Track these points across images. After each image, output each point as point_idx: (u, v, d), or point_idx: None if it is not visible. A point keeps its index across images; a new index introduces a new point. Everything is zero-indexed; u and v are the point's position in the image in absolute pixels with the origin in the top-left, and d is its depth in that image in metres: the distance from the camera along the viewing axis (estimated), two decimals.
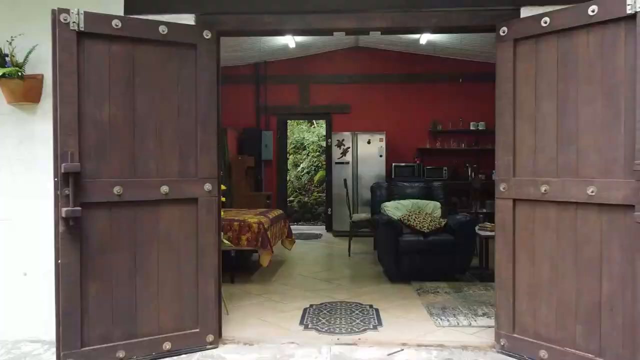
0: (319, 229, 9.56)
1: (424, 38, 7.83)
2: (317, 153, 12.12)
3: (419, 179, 8.23)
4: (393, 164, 8.70)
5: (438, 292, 4.61)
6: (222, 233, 3.69)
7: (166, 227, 3.13)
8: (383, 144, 8.43)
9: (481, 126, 8.88)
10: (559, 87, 2.87)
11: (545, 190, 2.90)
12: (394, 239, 5.00)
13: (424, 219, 5.13)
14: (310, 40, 8.28)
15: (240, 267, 5.69)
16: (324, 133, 12.32)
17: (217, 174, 3.32)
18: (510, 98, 3.10)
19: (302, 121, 13.38)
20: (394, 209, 5.37)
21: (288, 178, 11.50)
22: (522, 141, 3.06)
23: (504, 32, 3.12)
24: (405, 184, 5.81)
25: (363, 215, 6.66)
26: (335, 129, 9.04)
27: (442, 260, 5.00)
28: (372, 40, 8.68)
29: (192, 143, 3.20)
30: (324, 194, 11.15)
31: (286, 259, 6.38)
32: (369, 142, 8.46)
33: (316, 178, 11.66)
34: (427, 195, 5.72)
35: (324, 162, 11.77)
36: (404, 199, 5.63)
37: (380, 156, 8.44)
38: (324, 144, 12.09)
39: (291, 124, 13.08)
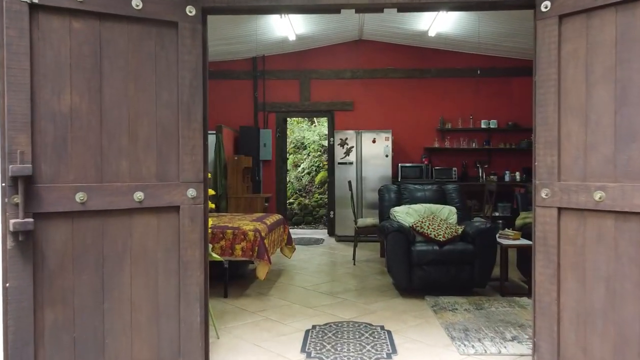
0: (321, 233, 9.05)
1: (433, 30, 7.32)
2: (319, 153, 11.61)
3: (429, 181, 7.73)
4: (399, 165, 8.19)
5: (457, 309, 4.09)
6: (210, 245, 3.18)
7: (141, 241, 2.61)
8: (389, 143, 7.92)
9: (493, 124, 8.37)
10: (617, 72, 2.36)
11: (600, 198, 2.38)
12: (405, 249, 4.48)
13: (438, 226, 4.62)
14: (311, 33, 7.77)
15: (236, 276, 5.18)
16: (326, 132, 11.82)
17: (204, 177, 2.81)
18: (554, 86, 2.58)
19: (302, 120, 12.87)
20: (405, 214, 4.86)
21: (288, 179, 11.00)
22: (569, 137, 2.54)
23: (546, 8, 2.60)
24: (416, 186, 5.29)
25: (369, 220, 6.15)
26: (337, 127, 8.53)
27: (460, 273, 4.48)
28: (377, 33, 8.17)
29: (172, 140, 2.69)
30: (326, 196, 10.65)
31: (285, 268, 5.87)
32: (374, 141, 7.94)
33: (317, 179, 11.15)
34: (441, 198, 5.21)
35: (326, 163, 11.26)
36: (415, 203, 5.11)
37: (386, 156, 7.93)
38: (325, 143, 11.59)
39: (291, 122, 12.58)
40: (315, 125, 12.53)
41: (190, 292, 2.71)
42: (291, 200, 10.68)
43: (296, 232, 9.15)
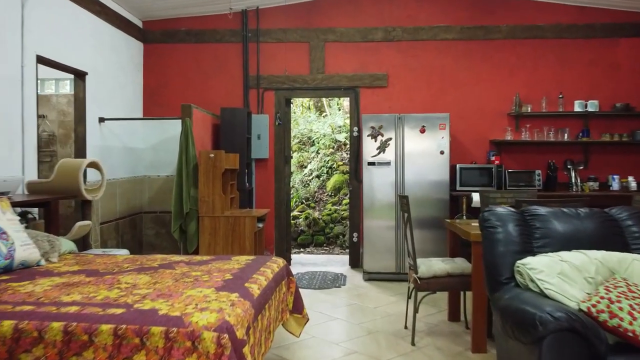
0: (339, 262, 6.38)
1: None
2: (331, 150, 8.95)
3: (557, 195, 5.07)
4: (458, 167, 5.53)
5: None
6: None
7: None
8: (446, 133, 5.26)
9: (592, 106, 5.71)
10: None
11: None
12: None
13: None
14: None
15: None
16: (340, 123, 9.16)
17: None
18: None
19: (307, 107, 10.21)
20: (558, 277, 2.19)
21: (291, 184, 8.34)
22: None
23: None
24: (564, 210, 2.61)
25: (439, 265, 3.47)
26: (364, 110, 5.87)
27: None
28: None
29: None
30: (341, 207, 7.99)
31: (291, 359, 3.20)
32: (422, 131, 5.28)
33: (329, 184, 8.48)
34: (611, 235, 2.53)
35: (340, 163, 8.61)
36: (563, 245, 2.44)
37: (441, 153, 5.27)
38: (339, 137, 8.93)
39: (294, 109, 9.93)
40: (325, 115, 9.87)
41: None
42: (296, 213, 8.01)
43: (303, 260, 6.50)
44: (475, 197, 5.18)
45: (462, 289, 3.45)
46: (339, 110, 9.76)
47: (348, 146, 8.62)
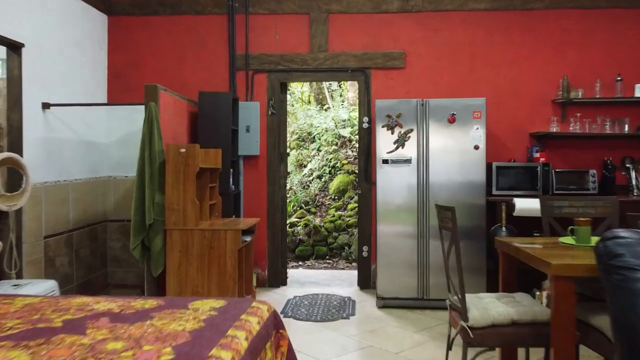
0: (345, 280, 5.30)
1: None
2: (334, 147, 7.87)
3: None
4: (494, 165, 4.46)
5: None
6: None
7: None
8: (481, 123, 4.19)
9: None
10: None
11: None
12: None
13: None
14: None
15: None
16: (345, 117, 8.09)
17: None
18: None
19: (308, 104, 9.15)
20: None
21: (289, 185, 7.28)
22: None
23: None
24: None
25: (500, 310, 2.35)
26: (376, 96, 4.80)
27: None
28: None
29: None
30: (346, 213, 6.92)
31: None
32: (451, 120, 4.21)
33: (333, 186, 7.41)
34: None
35: (345, 161, 7.54)
36: None
37: (476, 148, 4.20)
38: (343, 132, 7.86)
39: (291, 102, 8.87)
40: (327, 108, 8.79)
41: None
42: (293, 220, 6.94)
43: (302, 277, 5.42)
44: (519, 203, 4.13)
45: (536, 345, 2.35)
46: (343, 102, 8.69)
47: (354, 142, 7.57)
